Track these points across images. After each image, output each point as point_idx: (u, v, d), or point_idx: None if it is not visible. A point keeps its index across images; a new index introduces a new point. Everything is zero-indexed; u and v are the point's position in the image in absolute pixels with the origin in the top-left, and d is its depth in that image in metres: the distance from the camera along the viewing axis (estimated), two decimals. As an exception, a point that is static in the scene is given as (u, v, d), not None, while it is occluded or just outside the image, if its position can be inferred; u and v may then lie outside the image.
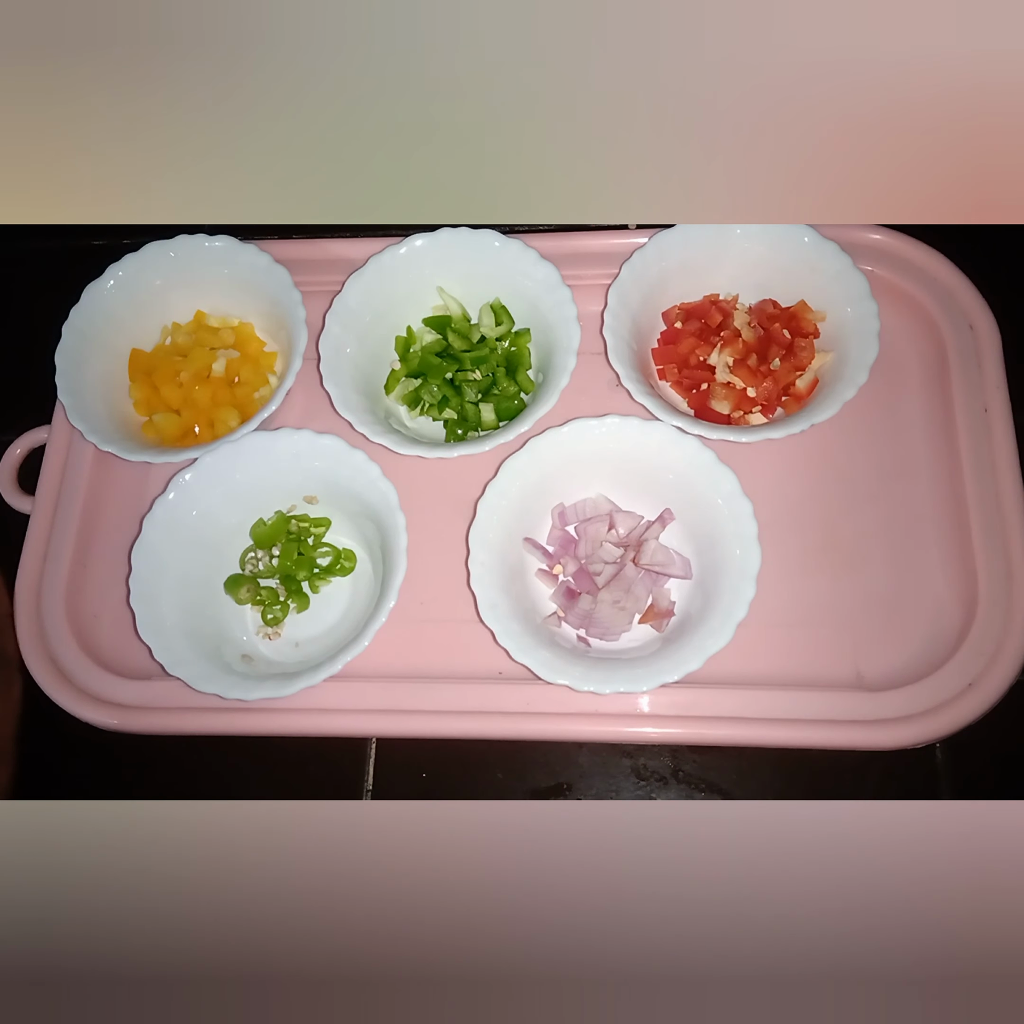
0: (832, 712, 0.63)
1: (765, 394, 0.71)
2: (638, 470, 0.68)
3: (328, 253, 0.78)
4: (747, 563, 0.62)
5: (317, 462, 0.68)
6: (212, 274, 0.76)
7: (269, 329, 0.77)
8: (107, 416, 0.72)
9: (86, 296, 0.74)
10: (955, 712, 0.62)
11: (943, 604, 0.67)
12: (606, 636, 0.66)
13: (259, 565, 0.70)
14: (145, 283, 0.75)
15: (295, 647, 0.69)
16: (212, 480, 0.67)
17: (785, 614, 0.67)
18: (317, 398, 0.72)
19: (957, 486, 0.69)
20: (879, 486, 0.70)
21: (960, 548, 0.67)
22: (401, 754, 0.68)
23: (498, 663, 0.66)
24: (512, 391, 0.74)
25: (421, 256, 0.74)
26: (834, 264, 0.71)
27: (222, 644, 0.67)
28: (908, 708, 0.63)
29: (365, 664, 0.65)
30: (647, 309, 0.73)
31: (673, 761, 0.67)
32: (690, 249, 0.73)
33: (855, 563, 0.69)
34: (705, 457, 0.65)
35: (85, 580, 0.72)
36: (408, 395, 0.75)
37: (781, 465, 0.71)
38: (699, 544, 0.67)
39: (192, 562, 0.67)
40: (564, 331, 0.70)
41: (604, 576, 0.67)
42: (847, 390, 0.67)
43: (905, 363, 0.74)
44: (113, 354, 0.75)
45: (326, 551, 0.71)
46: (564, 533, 0.70)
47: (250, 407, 0.74)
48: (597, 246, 0.76)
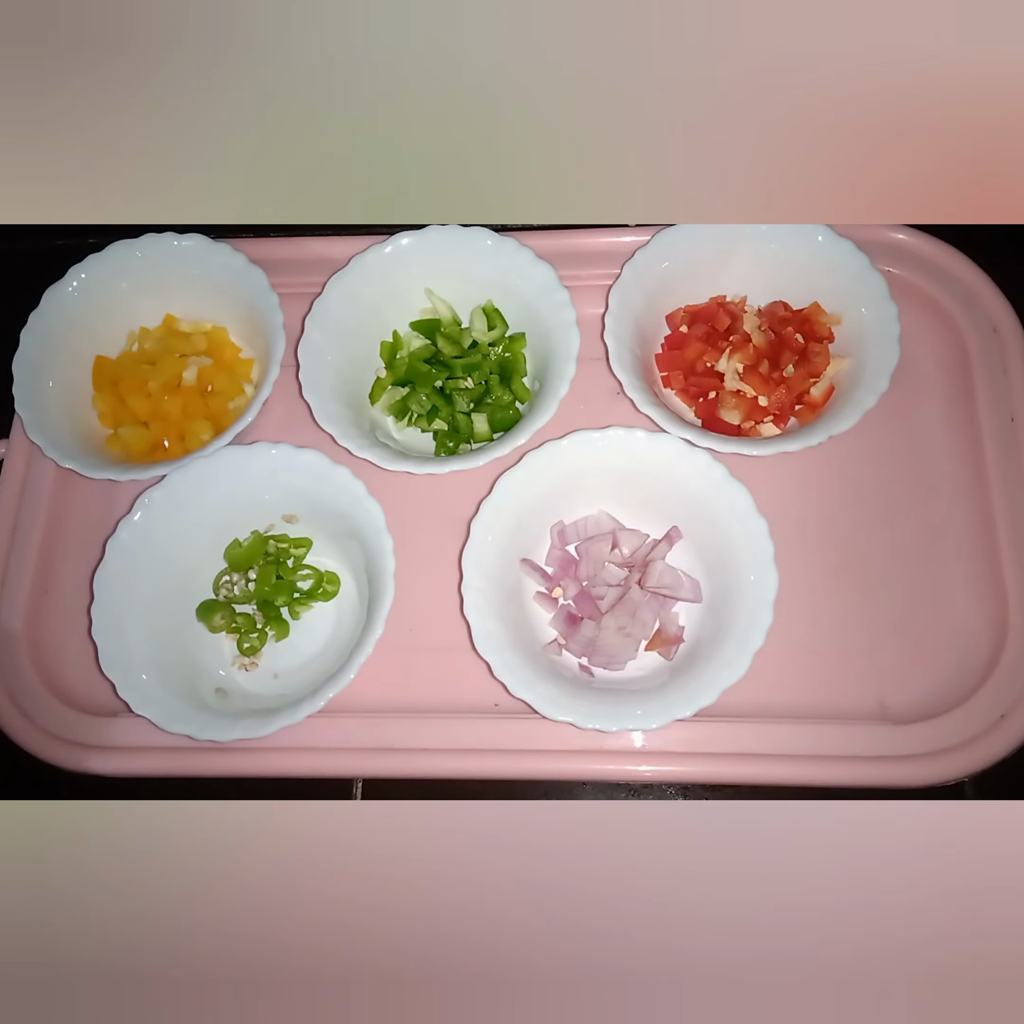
0: (854, 747, 0.59)
1: (778, 403, 0.66)
2: (643, 486, 0.64)
3: (308, 253, 0.74)
4: (763, 587, 0.58)
5: (297, 479, 0.63)
6: (182, 276, 0.71)
7: (244, 334, 0.73)
8: (69, 430, 0.68)
9: (46, 300, 0.69)
10: (987, 746, 0.58)
11: (971, 629, 0.63)
12: (611, 665, 0.62)
13: (234, 590, 0.65)
14: (110, 286, 0.71)
15: (274, 678, 0.64)
16: (182, 499, 0.63)
17: (802, 641, 0.63)
18: (296, 409, 0.68)
19: (984, 501, 0.65)
20: (901, 502, 0.66)
21: (989, 568, 0.63)
22: (389, 794, 0.63)
23: (494, 695, 0.62)
24: (507, 400, 0.69)
25: (408, 256, 0.69)
26: (850, 264, 0.66)
27: (194, 677, 0.62)
28: (936, 742, 0.58)
29: (350, 699, 0.60)
30: (650, 312, 0.69)
31: (684, 800, 0.63)
32: (696, 247, 0.68)
33: (877, 585, 0.64)
34: (716, 473, 0.61)
35: (46, 608, 0.67)
36: (395, 405, 0.70)
37: (797, 479, 0.67)
38: (709, 565, 0.63)
39: (161, 588, 0.63)
40: (562, 336, 0.65)
41: (607, 600, 0.63)
42: (867, 398, 0.62)
43: (926, 370, 0.70)
44: (76, 362, 0.70)
45: (307, 574, 0.66)
46: (564, 553, 0.65)
47: (224, 419, 0.69)
48: (597, 245, 0.72)
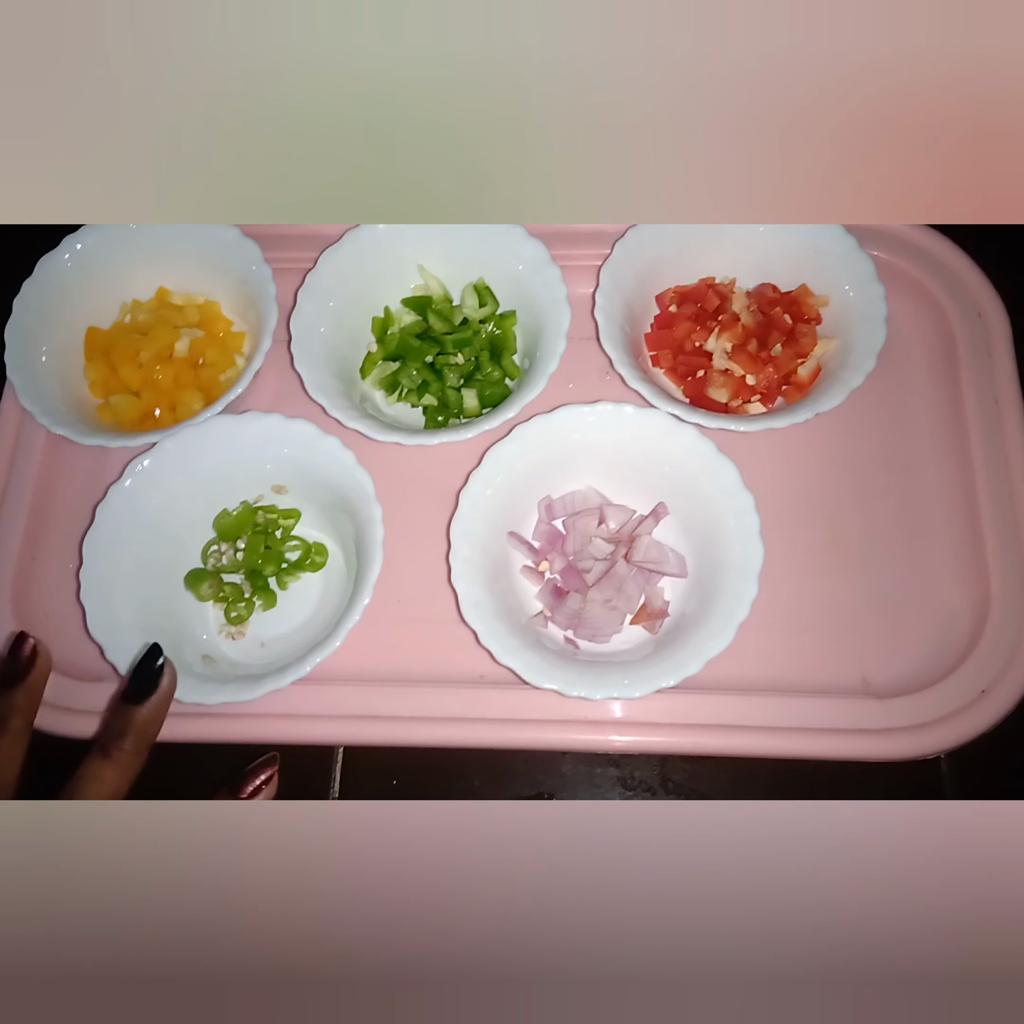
0: (836, 720, 0.59)
1: (765, 382, 0.67)
2: (631, 461, 0.64)
3: (301, 228, 0.74)
4: (749, 560, 0.58)
5: (287, 448, 0.63)
6: (176, 248, 0.71)
7: (237, 307, 0.73)
8: (60, 397, 0.67)
9: (40, 269, 0.69)
10: (968, 721, 0.58)
11: (954, 605, 0.63)
12: (596, 638, 0.62)
13: (223, 559, 0.65)
14: (104, 256, 0.70)
15: (261, 647, 0.64)
16: (172, 467, 0.63)
17: (786, 615, 0.63)
18: (288, 381, 0.68)
19: (968, 481, 0.65)
20: (885, 480, 0.67)
21: (971, 546, 0.64)
22: (370, 759, 0.63)
23: (480, 666, 0.62)
24: (496, 376, 0.69)
25: (401, 232, 0.70)
26: (838, 246, 0.67)
27: (181, 643, 0.62)
28: (917, 716, 0.59)
29: (336, 666, 0.60)
30: (641, 291, 0.69)
31: (662, 771, 0.63)
32: (687, 228, 0.69)
33: (860, 561, 0.65)
34: (704, 447, 0.61)
35: (35, 574, 0.67)
36: (385, 379, 0.70)
37: (782, 457, 0.67)
38: (695, 540, 0.63)
39: (149, 555, 0.62)
40: (553, 312, 0.65)
41: (594, 574, 0.63)
42: (853, 378, 0.63)
43: (911, 352, 0.70)
44: (68, 331, 0.70)
45: (295, 544, 0.66)
46: (551, 527, 0.66)
47: (215, 390, 0.69)
48: (588, 225, 0.72)
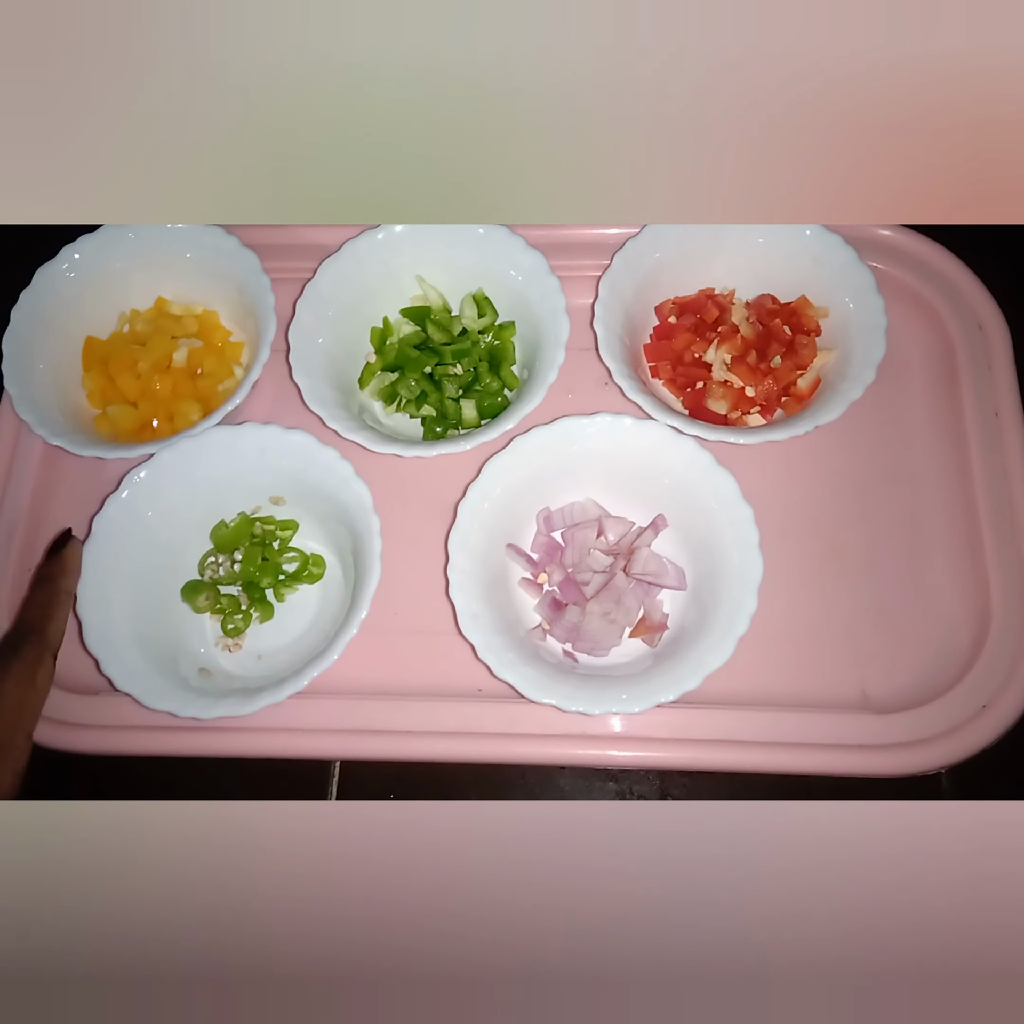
0: (835, 735, 0.59)
1: (765, 393, 0.67)
2: (630, 472, 0.64)
3: (300, 238, 0.74)
4: (748, 573, 0.58)
5: (284, 460, 0.63)
6: (174, 257, 0.71)
7: (235, 317, 0.72)
8: (57, 407, 0.67)
9: (38, 278, 0.68)
10: (968, 736, 0.58)
11: (954, 619, 0.63)
12: (594, 651, 0.62)
13: (219, 571, 0.65)
14: (102, 266, 0.70)
15: (257, 660, 0.64)
16: (170, 478, 0.62)
17: (785, 629, 0.63)
18: (286, 391, 0.68)
19: (968, 494, 0.65)
20: (885, 493, 0.67)
21: (971, 559, 0.63)
22: (367, 773, 0.63)
23: (478, 679, 0.62)
24: (495, 387, 0.69)
25: (400, 242, 0.69)
26: (838, 257, 0.67)
27: (178, 656, 0.61)
28: (917, 732, 0.58)
29: (333, 679, 0.60)
30: (640, 302, 0.69)
31: (661, 785, 0.63)
32: (686, 240, 0.69)
33: (860, 575, 0.64)
34: (703, 459, 0.61)
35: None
36: (384, 390, 0.70)
37: (782, 469, 0.67)
38: (694, 552, 0.63)
39: (146, 567, 0.62)
40: (552, 323, 0.65)
41: (592, 586, 0.63)
42: (853, 390, 0.63)
43: (911, 364, 0.70)
44: (66, 341, 0.69)
45: (293, 556, 0.66)
46: (550, 539, 0.65)
47: (213, 400, 0.69)
48: (587, 235, 0.72)
